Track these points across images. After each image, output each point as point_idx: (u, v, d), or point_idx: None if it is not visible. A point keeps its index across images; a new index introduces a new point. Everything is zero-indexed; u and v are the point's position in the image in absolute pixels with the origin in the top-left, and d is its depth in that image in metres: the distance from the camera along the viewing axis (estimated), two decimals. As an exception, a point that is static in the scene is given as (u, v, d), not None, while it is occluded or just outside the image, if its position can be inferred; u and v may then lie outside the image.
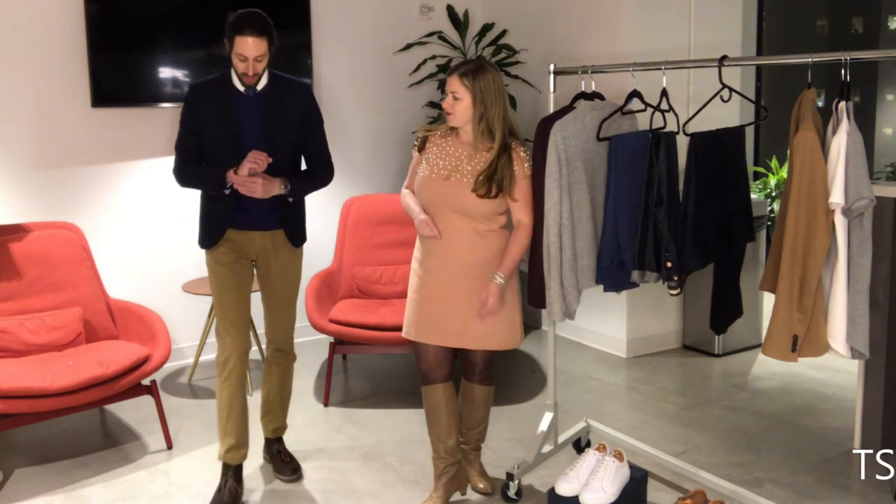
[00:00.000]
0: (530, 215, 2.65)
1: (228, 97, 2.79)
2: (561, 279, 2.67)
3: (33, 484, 3.07)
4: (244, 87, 2.77)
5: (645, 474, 2.87)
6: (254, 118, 2.80)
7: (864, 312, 2.22)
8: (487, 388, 2.86)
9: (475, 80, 2.55)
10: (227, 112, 2.78)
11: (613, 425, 3.36)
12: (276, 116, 2.82)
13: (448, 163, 2.65)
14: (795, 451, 3.27)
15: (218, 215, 2.86)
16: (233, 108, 2.79)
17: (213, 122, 2.79)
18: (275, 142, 2.81)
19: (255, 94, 2.79)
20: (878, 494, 2.88)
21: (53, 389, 3.00)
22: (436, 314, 2.68)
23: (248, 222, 2.87)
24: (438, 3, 5.07)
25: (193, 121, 2.81)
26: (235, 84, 2.79)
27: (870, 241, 2.21)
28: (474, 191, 2.57)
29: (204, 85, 2.88)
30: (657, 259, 2.62)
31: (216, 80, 2.85)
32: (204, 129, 2.80)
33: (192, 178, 2.87)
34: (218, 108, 2.79)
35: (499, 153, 2.58)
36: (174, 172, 2.86)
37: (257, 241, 2.91)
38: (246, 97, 2.79)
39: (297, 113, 2.87)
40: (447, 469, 2.79)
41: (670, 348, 4.65)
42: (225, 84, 2.81)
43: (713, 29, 4.49)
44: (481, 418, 2.89)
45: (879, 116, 9.56)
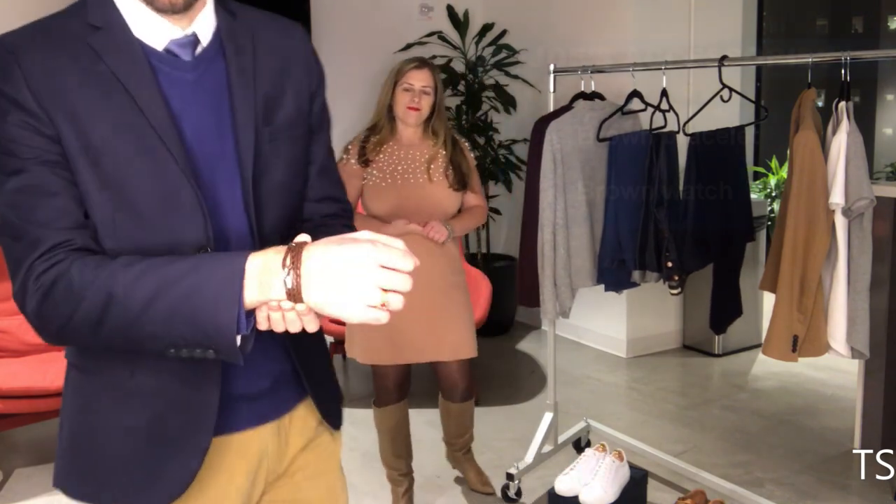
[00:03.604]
0: (484, 199, 2.70)
1: (134, 72, 1.04)
2: (554, 278, 2.67)
3: (33, 484, 3.07)
4: (172, 32, 1.06)
5: (645, 474, 2.86)
6: (200, 106, 1.09)
7: (864, 312, 2.22)
8: (469, 403, 2.80)
9: (436, 72, 2.56)
10: (147, 105, 1.04)
11: (613, 425, 3.36)
12: (245, 100, 1.11)
13: (409, 166, 2.54)
14: (795, 451, 3.26)
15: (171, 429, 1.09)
16: (152, 96, 1.04)
17: (108, 130, 1.02)
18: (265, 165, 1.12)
19: (199, 53, 1.09)
20: (878, 494, 2.88)
21: (53, 389, 2.99)
22: (403, 333, 2.51)
23: (246, 411, 1.17)
24: (438, 3, 5.07)
25: (36, 136, 0.99)
26: (139, 29, 1.06)
27: (870, 241, 2.21)
28: (450, 186, 2.54)
29: (40, 39, 1.03)
30: (658, 259, 2.63)
31: (67, 26, 1.05)
32: (88, 151, 1.01)
33: (140, 315, 0.95)
34: (106, 91, 1.03)
35: (453, 145, 2.57)
36: (39, 315, 1.00)
37: (255, 445, 1.19)
38: (175, 62, 1.07)
39: (286, 87, 1.17)
40: (408, 486, 2.78)
41: (670, 348, 4.64)
42: (118, 40, 1.05)
43: (713, 29, 4.49)
44: (468, 426, 2.86)
45: (879, 116, 9.55)
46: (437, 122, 2.56)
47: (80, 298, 0.96)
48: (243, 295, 0.92)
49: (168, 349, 0.95)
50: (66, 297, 0.96)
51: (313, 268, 0.90)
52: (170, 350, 0.95)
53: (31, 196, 0.99)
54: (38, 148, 0.99)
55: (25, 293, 0.99)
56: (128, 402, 1.09)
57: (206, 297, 0.92)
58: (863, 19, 9.76)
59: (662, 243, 2.61)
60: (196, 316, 0.92)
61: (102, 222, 1.02)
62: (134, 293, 0.94)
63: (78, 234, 1.00)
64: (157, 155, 1.02)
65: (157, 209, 1.03)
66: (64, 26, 1.04)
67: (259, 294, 0.92)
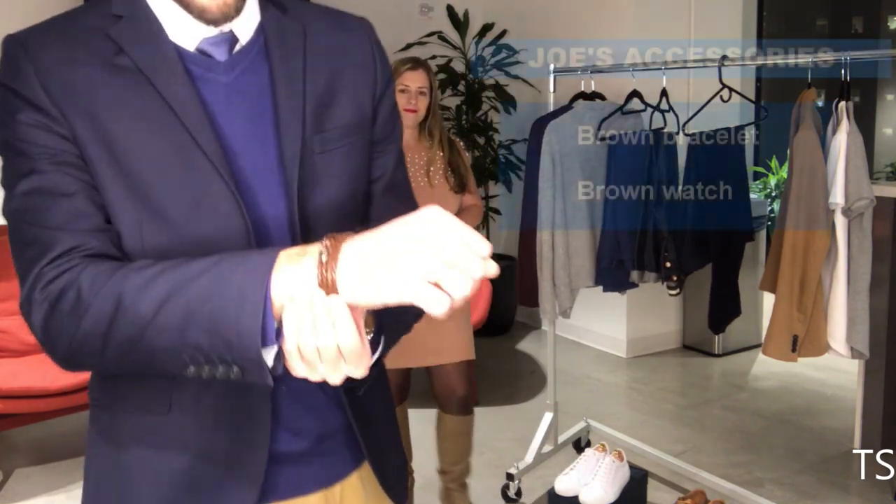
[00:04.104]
0: (479, 198, 2.68)
1: (162, 64, 0.91)
2: (553, 278, 2.67)
3: (33, 484, 3.07)
4: (205, 31, 0.93)
5: (645, 474, 2.86)
6: (235, 111, 0.94)
7: (864, 312, 2.22)
8: (469, 418, 2.65)
9: (431, 72, 2.53)
10: (176, 100, 0.90)
11: (613, 425, 3.36)
12: (291, 105, 0.95)
13: (408, 170, 2.52)
14: (795, 451, 3.27)
15: None
16: (182, 91, 0.91)
17: (132, 128, 0.89)
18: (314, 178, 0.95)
19: (237, 53, 0.95)
20: (878, 494, 2.88)
21: (53, 389, 2.99)
22: (408, 336, 2.51)
23: (285, 475, 0.97)
24: (438, 3, 5.07)
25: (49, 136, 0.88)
26: (169, 27, 0.93)
27: (870, 241, 2.21)
28: (451, 189, 2.51)
29: (55, 31, 0.93)
30: (656, 259, 2.63)
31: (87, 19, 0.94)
32: (111, 151, 0.89)
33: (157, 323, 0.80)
34: (130, 86, 0.90)
35: (450, 147, 2.54)
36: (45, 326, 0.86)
37: None
38: (209, 62, 0.94)
39: (342, 89, 1.00)
40: (408, 486, 2.76)
41: (670, 348, 4.64)
42: (141, 30, 0.92)
43: (713, 29, 4.49)
44: (465, 450, 2.67)
45: (879, 116, 9.55)
46: (433, 122, 2.52)
47: (87, 307, 0.81)
48: (269, 292, 0.75)
49: (185, 368, 0.79)
50: (73, 308, 0.82)
51: (356, 249, 0.73)
52: (187, 368, 0.79)
53: (43, 198, 0.87)
54: (52, 147, 0.87)
55: (31, 304, 0.85)
56: (162, 447, 0.93)
57: (226, 295, 0.76)
58: (863, 19, 9.76)
59: (661, 243, 2.61)
60: (214, 319, 0.76)
61: (128, 231, 0.88)
62: (144, 297, 0.79)
63: (95, 237, 0.87)
64: (191, 156, 0.88)
65: (191, 217, 0.88)
66: (83, 18, 0.93)
67: (285, 288, 0.75)
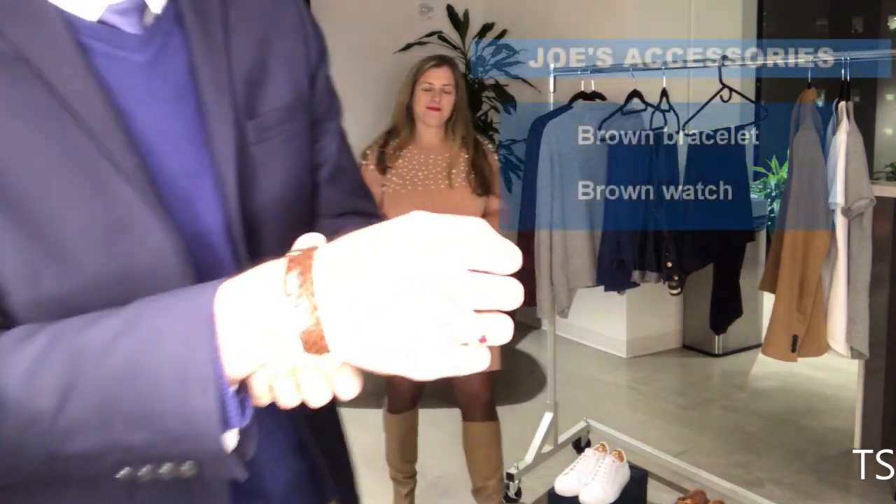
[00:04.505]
0: (506, 203, 2.67)
1: (51, 45, 0.64)
2: (551, 278, 2.67)
3: (33, 484, 3.07)
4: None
5: (645, 474, 2.86)
6: (157, 100, 0.69)
7: (864, 312, 2.22)
8: (495, 424, 2.58)
9: (456, 69, 2.48)
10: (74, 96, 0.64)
11: (613, 425, 3.36)
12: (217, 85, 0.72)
13: (429, 171, 2.44)
14: (795, 451, 3.26)
15: None
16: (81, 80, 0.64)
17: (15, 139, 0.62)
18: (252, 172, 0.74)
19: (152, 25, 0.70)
20: (878, 494, 2.88)
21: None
22: None
23: None
24: (438, 3, 5.07)
25: None
26: None
27: (870, 241, 2.21)
28: (473, 192, 2.43)
29: None
30: (657, 259, 2.63)
31: None
32: None
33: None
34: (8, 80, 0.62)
35: (475, 147, 2.46)
36: None
37: None
38: (117, 35, 0.67)
39: (274, 65, 0.78)
40: (412, 487, 2.75)
41: (670, 348, 4.64)
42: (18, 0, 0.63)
43: (713, 29, 4.49)
44: (497, 462, 2.58)
45: (879, 116, 9.55)
46: (458, 122, 2.45)
47: None
48: (221, 364, 0.53)
49: (115, 471, 0.56)
50: None
51: (342, 289, 0.52)
52: (119, 471, 0.56)
53: None
54: None
55: None
56: None
57: (158, 373, 0.53)
58: (863, 19, 9.76)
59: (662, 243, 2.61)
60: (147, 408, 0.54)
61: (14, 277, 0.61)
62: (35, 388, 0.54)
63: None
64: (100, 172, 0.63)
65: (105, 251, 0.63)
66: None
67: (249, 357, 0.54)
